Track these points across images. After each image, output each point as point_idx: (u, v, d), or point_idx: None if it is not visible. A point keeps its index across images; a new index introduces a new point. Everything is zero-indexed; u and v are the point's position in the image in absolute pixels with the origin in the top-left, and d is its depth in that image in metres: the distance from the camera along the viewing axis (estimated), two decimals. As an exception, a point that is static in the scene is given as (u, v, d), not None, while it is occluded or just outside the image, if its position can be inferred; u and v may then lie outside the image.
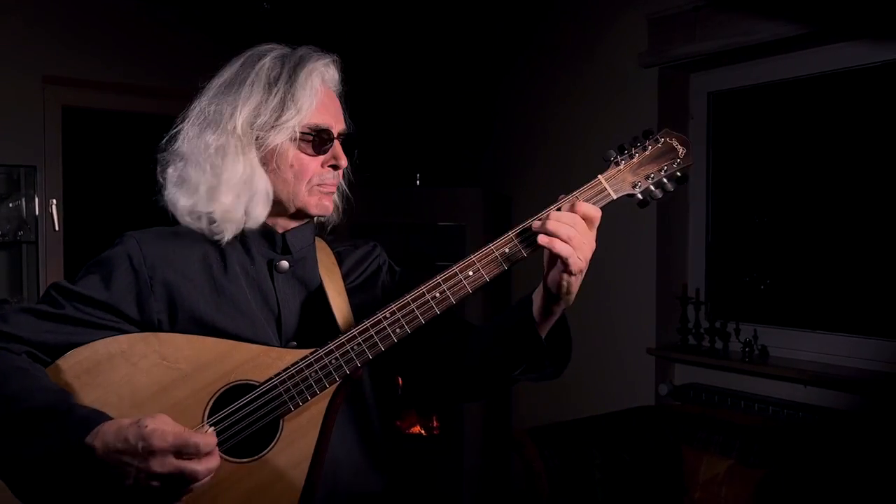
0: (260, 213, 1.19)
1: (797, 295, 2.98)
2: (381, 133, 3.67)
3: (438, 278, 1.13)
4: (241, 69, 1.21)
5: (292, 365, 1.11)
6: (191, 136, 1.20)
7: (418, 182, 3.73)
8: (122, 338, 1.11)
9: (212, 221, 1.18)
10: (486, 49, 3.85)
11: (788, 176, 2.99)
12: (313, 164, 1.20)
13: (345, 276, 1.31)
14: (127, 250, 1.17)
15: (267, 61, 1.20)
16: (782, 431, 2.50)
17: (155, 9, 3.51)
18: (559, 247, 1.06)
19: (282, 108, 1.16)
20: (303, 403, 1.11)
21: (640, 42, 3.07)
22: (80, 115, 3.44)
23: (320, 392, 1.12)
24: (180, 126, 1.23)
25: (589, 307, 3.35)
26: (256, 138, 1.18)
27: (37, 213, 3.19)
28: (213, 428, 1.06)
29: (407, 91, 3.85)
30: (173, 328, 1.15)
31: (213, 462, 1.01)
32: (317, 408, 1.13)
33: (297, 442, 1.11)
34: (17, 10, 3.19)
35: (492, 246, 1.13)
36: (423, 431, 3.68)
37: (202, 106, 1.21)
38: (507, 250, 1.13)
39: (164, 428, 0.98)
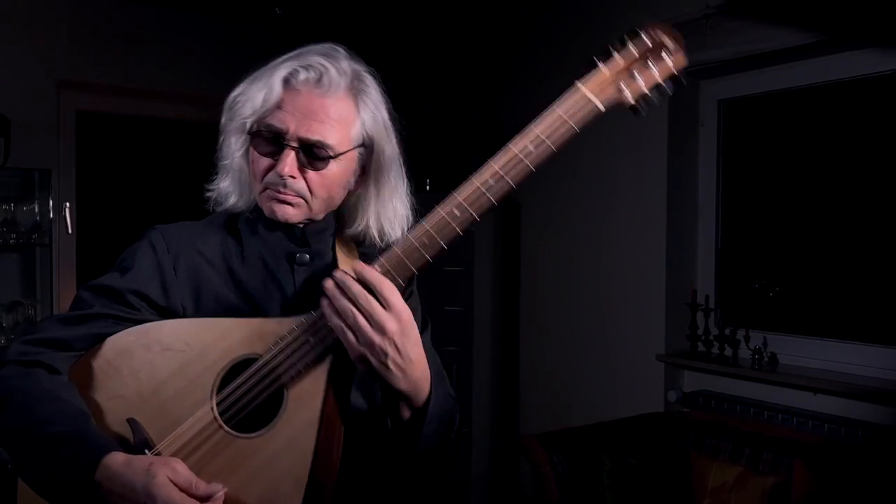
0: (248, 197, 1.22)
1: (807, 302, 2.97)
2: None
3: (425, 225, 1.08)
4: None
5: (289, 332, 1.08)
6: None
7: (428, 188, 3.74)
8: (135, 328, 1.13)
9: (238, 197, 1.23)
10: (496, 54, 3.86)
11: (798, 183, 2.98)
12: (262, 164, 1.17)
13: None
14: (150, 239, 1.20)
15: (283, 57, 1.19)
16: (792, 440, 2.49)
17: (169, 14, 3.54)
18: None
19: (246, 100, 1.16)
20: (304, 370, 1.07)
21: (650, 49, 3.07)
22: (94, 119, 3.47)
23: (319, 356, 1.08)
24: None
25: (598, 313, 3.35)
26: (238, 126, 1.20)
27: (51, 216, 3.21)
28: (223, 489, 1.01)
29: (417, 96, 3.87)
30: (198, 314, 1.16)
31: None
32: (318, 371, 1.08)
33: (302, 409, 1.07)
34: (32, 15, 3.22)
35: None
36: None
37: None
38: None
39: (173, 483, 0.96)
